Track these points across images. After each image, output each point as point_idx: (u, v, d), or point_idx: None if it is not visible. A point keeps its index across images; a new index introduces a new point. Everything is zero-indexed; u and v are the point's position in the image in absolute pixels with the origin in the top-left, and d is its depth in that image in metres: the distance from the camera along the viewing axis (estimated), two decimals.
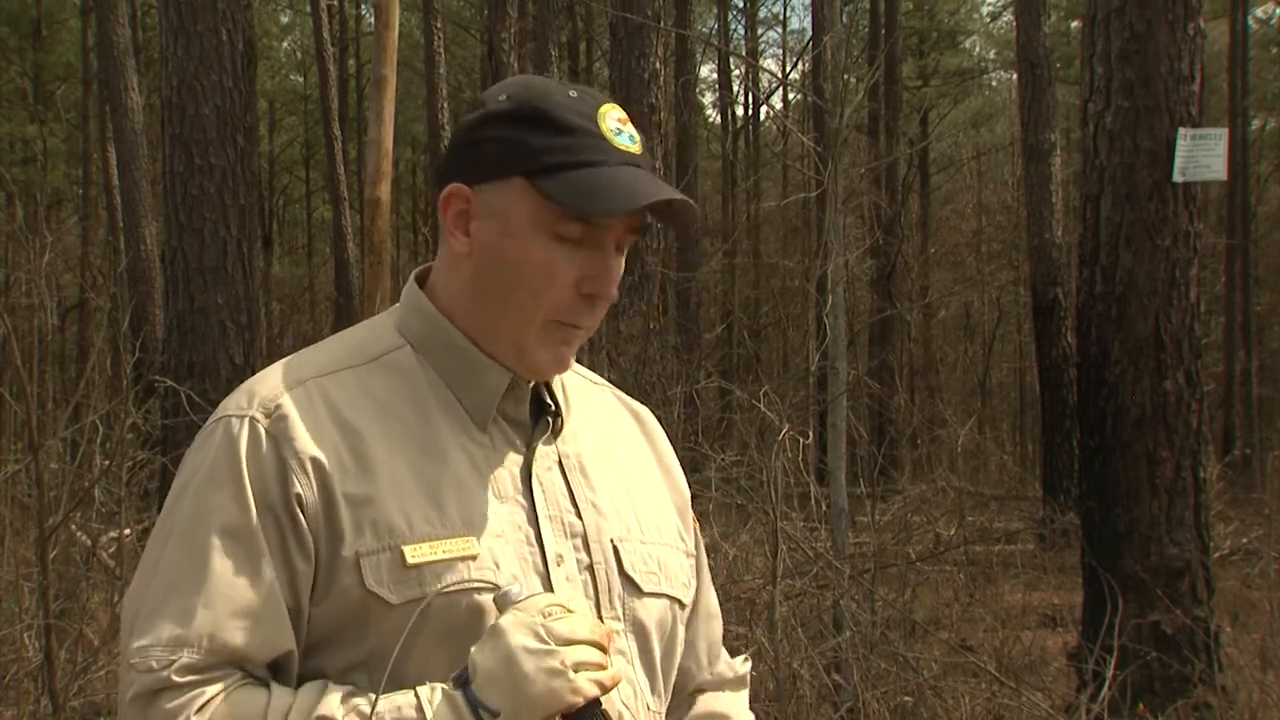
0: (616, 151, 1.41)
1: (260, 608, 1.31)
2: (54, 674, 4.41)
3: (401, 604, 1.33)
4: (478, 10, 22.89)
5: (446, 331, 1.46)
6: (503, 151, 1.41)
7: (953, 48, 26.36)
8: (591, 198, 1.37)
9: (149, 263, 13.18)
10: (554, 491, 1.46)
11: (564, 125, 1.40)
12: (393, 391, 1.43)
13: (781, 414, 5.49)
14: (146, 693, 1.29)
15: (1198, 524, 5.73)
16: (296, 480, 1.34)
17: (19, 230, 7.76)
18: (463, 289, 1.46)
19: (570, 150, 1.39)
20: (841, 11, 6.77)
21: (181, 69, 7.43)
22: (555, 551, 1.42)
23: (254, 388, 1.42)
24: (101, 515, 6.65)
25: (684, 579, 1.56)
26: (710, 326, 18.17)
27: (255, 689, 1.30)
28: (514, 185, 1.41)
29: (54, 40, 23.73)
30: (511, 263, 1.41)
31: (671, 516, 1.58)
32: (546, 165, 1.39)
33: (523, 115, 1.41)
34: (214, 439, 1.39)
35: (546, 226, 1.40)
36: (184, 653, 1.29)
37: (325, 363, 1.45)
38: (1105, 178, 5.86)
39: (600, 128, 1.41)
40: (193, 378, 6.99)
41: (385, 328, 1.50)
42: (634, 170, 1.41)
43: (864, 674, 4.87)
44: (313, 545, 1.34)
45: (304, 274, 28.31)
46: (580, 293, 1.42)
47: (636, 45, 10.49)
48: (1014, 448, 21.16)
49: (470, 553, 1.36)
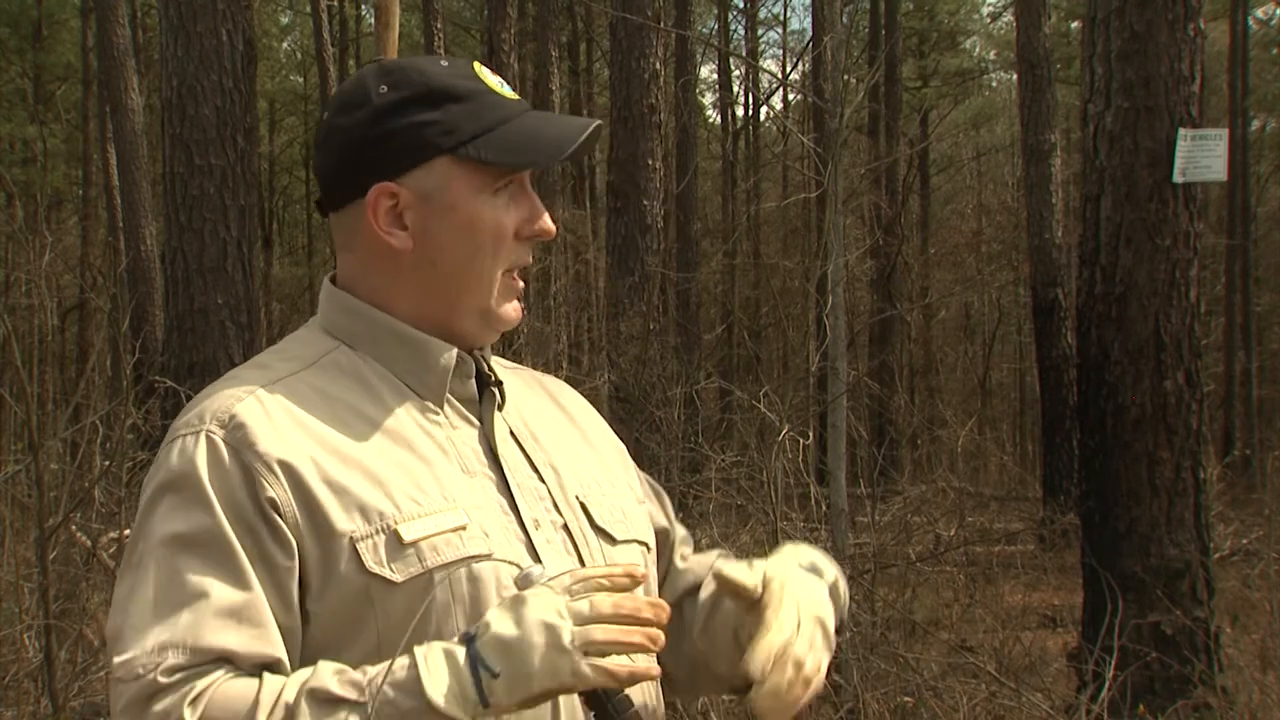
0: (510, 102, 1.48)
1: (244, 610, 1.30)
2: (54, 674, 4.41)
3: (405, 581, 1.33)
4: (478, 11, 22.89)
5: (385, 320, 1.48)
6: (415, 137, 1.44)
7: (953, 48, 26.35)
8: (525, 151, 1.44)
9: (149, 263, 13.18)
10: (515, 460, 1.48)
11: (459, 93, 1.44)
12: (341, 387, 1.44)
13: (781, 414, 5.49)
14: (138, 700, 1.27)
15: (1198, 524, 5.73)
16: (267, 484, 1.34)
17: (19, 231, 7.76)
18: (402, 285, 1.47)
19: (478, 114, 1.44)
20: (842, 12, 6.77)
21: (181, 69, 7.43)
22: (531, 517, 1.44)
23: (202, 404, 1.42)
24: (101, 516, 6.64)
25: (644, 524, 1.59)
26: (710, 327, 18.17)
27: (247, 679, 1.29)
28: (439, 165, 1.44)
29: (54, 41, 23.72)
30: (463, 233, 1.45)
31: (616, 468, 1.61)
32: (465, 136, 1.43)
33: (417, 98, 1.44)
34: (170, 459, 1.38)
35: (485, 189, 1.45)
36: (169, 654, 1.28)
37: (267, 374, 1.45)
38: (1105, 178, 5.86)
39: (487, 84, 1.47)
40: (193, 378, 6.98)
41: (311, 335, 1.52)
42: (535, 113, 1.49)
43: (864, 674, 4.86)
44: (295, 543, 1.34)
45: (304, 274, 28.28)
46: (521, 236, 1.48)
47: (636, 46, 10.49)
48: (1014, 448, 21.16)
49: (459, 524, 1.37)
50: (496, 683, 1.26)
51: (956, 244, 22.11)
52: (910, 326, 19.70)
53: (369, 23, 25.54)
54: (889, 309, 15.88)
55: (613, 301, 10.47)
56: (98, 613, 5.95)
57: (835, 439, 5.79)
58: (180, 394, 6.10)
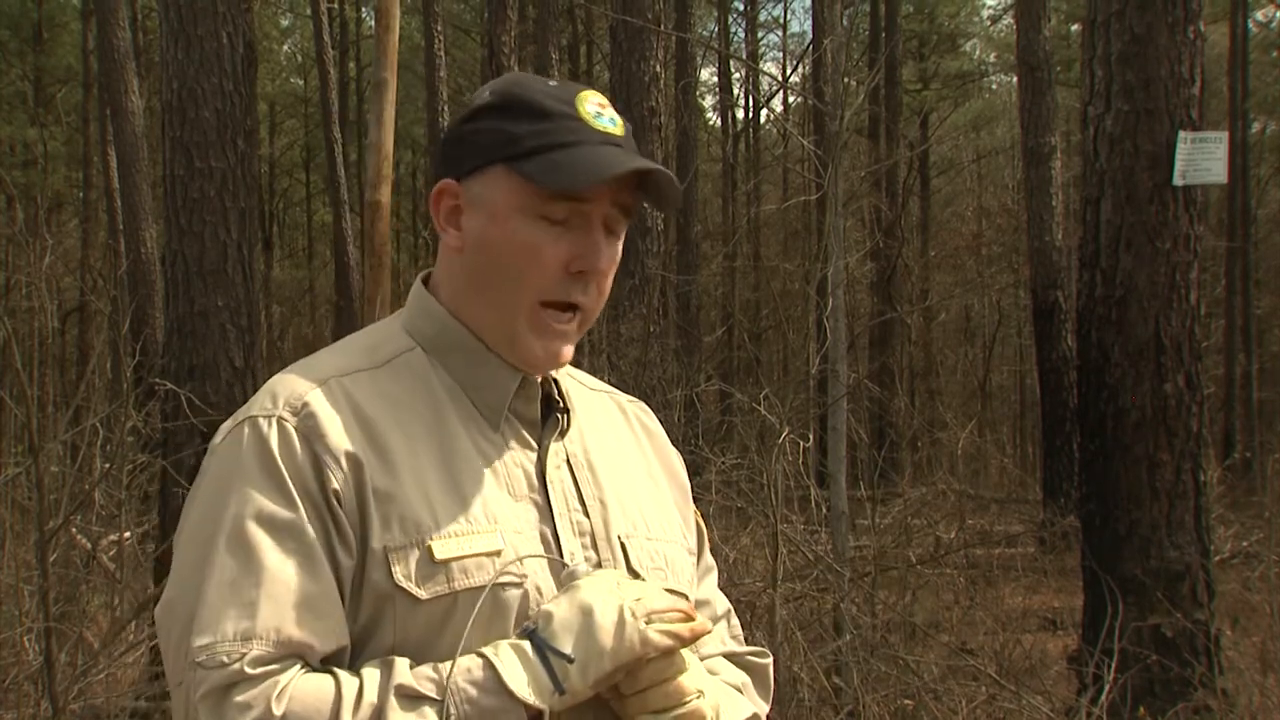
0: (595, 132, 1.44)
1: (319, 600, 1.31)
2: (54, 677, 4.41)
3: (430, 599, 1.34)
4: (478, 13, 22.89)
5: (456, 331, 1.48)
6: (484, 142, 1.45)
7: (953, 51, 26.37)
8: (564, 173, 1.40)
9: (149, 266, 13.18)
10: (563, 490, 1.47)
11: (541, 110, 1.43)
12: (407, 392, 1.44)
13: (782, 417, 5.49)
14: (219, 688, 1.27)
15: (1198, 527, 5.72)
16: (333, 475, 1.35)
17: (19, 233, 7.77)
18: (461, 285, 1.48)
19: (548, 133, 1.42)
20: (842, 15, 6.77)
21: (182, 72, 7.43)
22: (567, 550, 1.43)
23: (275, 389, 1.42)
24: (101, 518, 6.65)
25: (689, 575, 1.57)
26: (710, 329, 18.16)
27: (321, 675, 1.30)
28: (496, 173, 1.44)
29: (54, 43, 23.73)
30: (498, 248, 1.43)
31: (674, 514, 1.60)
32: (525, 149, 1.42)
33: (502, 106, 1.45)
34: (242, 440, 1.38)
35: (530, 209, 1.42)
36: (254, 645, 1.28)
37: (342, 364, 1.45)
38: (1105, 181, 5.87)
39: (578, 110, 1.44)
40: (193, 381, 6.98)
41: (394, 331, 1.52)
42: (612, 149, 1.44)
43: (864, 677, 4.86)
44: (354, 539, 1.35)
45: (304, 277, 28.32)
46: (569, 271, 1.44)
47: (637, 48, 10.50)
48: (1014, 451, 21.17)
49: (494, 548, 1.37)
50: (571, 667, 1.30)
51: (957, 246, 22.12)
52: (910, 329, 19.69)
53: (369, 25, 25.56)
54: (889, 311, 15.88)
55: (613, 304, 10.47)
56: (98, 615, 5.95)
57: (835, 441, 5.79)
58: (180, 396, 6.10)
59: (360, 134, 22.80)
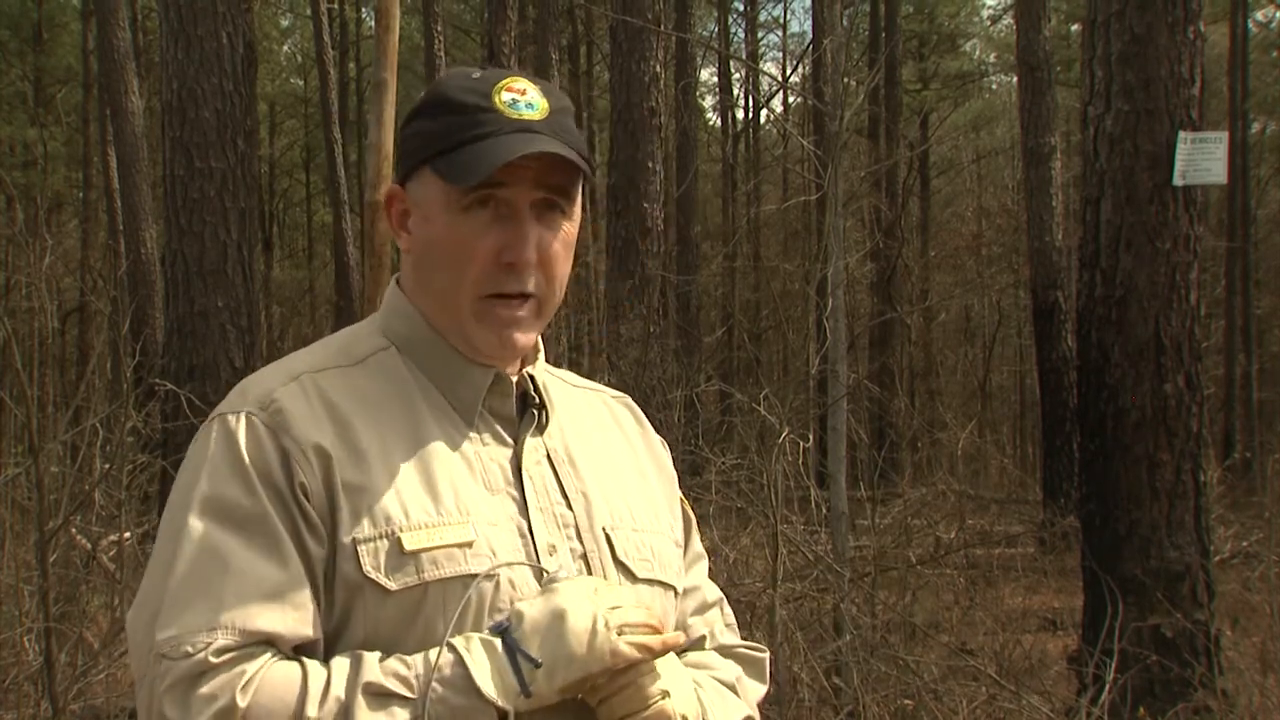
0: (508, 121, 1.43)
1: (286, 589, 1.32)
2: (54, 677, 4.41)
3: (399, 590, 1.34)
4: (478, 13, 22.89)
5: (426, 330, 1.49)
6: (412, 146, 1.48)
7: (953, 51, 26.37)
8: (468, 168, 1.41)
9: (149, 266, 13.18)
10: (544, 484, 1.47)
11: (456, 106, 1.45)
12: (381, 389, 1.46)
13: (781, 417, 5.49)
14: (184, 679, 1.28)
15: (1198, 527, 5.72)
16: (300, 469, 1.36)
17: (19, 234, 7.76)
18: (414, 285, 1.51)
19: (462, 128, 1.43)
20: (841, 15, 6.77)
21: (182, 72, 7.43)
22: (547, 542, 1.43)
23: (246, 387, 1.45)
24: (101, 519, 6.64)
25: (676, 566, 1.58)
26: (710, 330, 18.17)
27: (289, 665, 1.30)
28: (424, 174, 1.47)
29: (54, 44, 23.73)
30: (436, 246, 1.46)
31: (662, 506, 1.60)
32: (440, 148, 1.44)
33: (427, 106, 1.48)
34: (210, 437, 1.40)
35: (453, 205, 1.44)
36: (219, 635, 1.29)
37: (316, 361, 1.48)
38: (1105, 181, 5.86)
39: (493, 101, 1.44)
40: (193, 381, 6.99)
41: (369, 331, 1.54)
42: (522, 135, 1.42)
43: (864, 677, 4.86)
44: (324, 531, 1.35)
45: (304, 277, 28.31)
46: (501, 262, 1.44)
47: (637, 49, 10.50)
48: (1014, 451, 21.17)
49: (465, 539, 1.38)
50: (538, 671, 1.30)
51: (956, 247, 22.12)
52: (910, 329, 19.70)
53: (369, 26, 25.55)
54: (889, 312, 15.88)
55: (613, 304, 10.48)
56: (98, 616, 5.95)
57: (835, 442, 5.78)
58: (180, 397, 6.10)
59: (360, 134, 22.79)
